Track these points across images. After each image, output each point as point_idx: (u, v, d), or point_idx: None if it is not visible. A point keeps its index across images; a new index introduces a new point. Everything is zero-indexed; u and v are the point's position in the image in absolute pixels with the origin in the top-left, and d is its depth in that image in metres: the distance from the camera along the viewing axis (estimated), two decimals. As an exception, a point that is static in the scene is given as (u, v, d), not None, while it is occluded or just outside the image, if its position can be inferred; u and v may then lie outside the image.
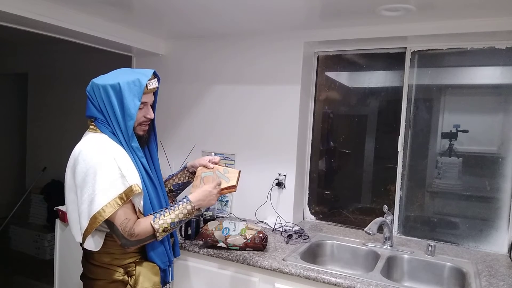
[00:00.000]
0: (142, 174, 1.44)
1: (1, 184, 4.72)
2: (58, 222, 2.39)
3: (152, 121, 1.56)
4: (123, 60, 2.98)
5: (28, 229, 4.06)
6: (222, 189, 1.56)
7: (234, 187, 1.57)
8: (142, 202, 1.41)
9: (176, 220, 1.42)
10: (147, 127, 1.51)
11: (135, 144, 1.44)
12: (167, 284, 1.61)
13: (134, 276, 1.45)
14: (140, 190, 1.37)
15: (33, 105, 4.58)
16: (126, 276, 1.44)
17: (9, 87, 4.89)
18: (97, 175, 1.31)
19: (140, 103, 1.39)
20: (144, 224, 1.37)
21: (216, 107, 2.70)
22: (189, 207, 1.45)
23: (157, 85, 1.49)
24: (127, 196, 1.34)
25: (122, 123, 1.40)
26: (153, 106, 1.54)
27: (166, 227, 1.40)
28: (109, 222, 1.34)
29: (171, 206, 1.46)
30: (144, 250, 1.48)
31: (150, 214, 1.41)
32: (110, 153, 1.36)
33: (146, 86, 1.41)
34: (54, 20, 2.02)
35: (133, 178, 1.37)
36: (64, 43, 2.47)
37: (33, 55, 4.36)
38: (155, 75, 1.49)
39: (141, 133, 1.48)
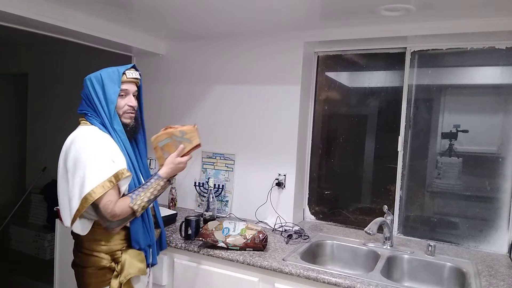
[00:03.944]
0: (127, 158, 1.54)
1: (1, 184, 4.71)
2: (58, 222, 2.39)
3: (140, 113, 1.69)
4: (123, 60, 2.97)
5: (28, 229, 4.05)
6: (188, 152, 1.60)
7: (198, 145, 1.59)
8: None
9: (152, 197, 1.53)
10: (133, 115, 1.61)
11: (118, 127, 1.54)
12: (149, 268, 1.68)
13: (120, 263, 1.53)
14: (128, 174, 1.48)
15: (33, 105, 4.58)
16: (113, 263, 1.53)
17: (9, 87, 4.89)
18: (88, 159, 1.42)
19: (119, 89, 1.53)
20: (124, 205, 1.46)
21: (216, 107, 2.70)
22: (162, 183, 1.55)
23: (137, 76, 1.61)
24: (116, 179, 1.44)
25: (106, 108, 1.52)
26: (139, 100, 1.66)
27: (144, 206, 1.51)
28: (94, 205, 1.42)
29: (143, 184, 1.54)
30: (129, 237, 1.56)
31: (127, 196, 1.49)
32: (100, 140, 1.48)
33: (125, 74, 1.55)
34: (54, 20, 2.02)
35: (122, 163, 1.49)
36: (64, 43, 2.47)
37: (33, 55, 4.36)
38: (135, 69, 1.62)
39: (127, 120, 1.58)
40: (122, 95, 1.56)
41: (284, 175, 2.48)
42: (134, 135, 1.64)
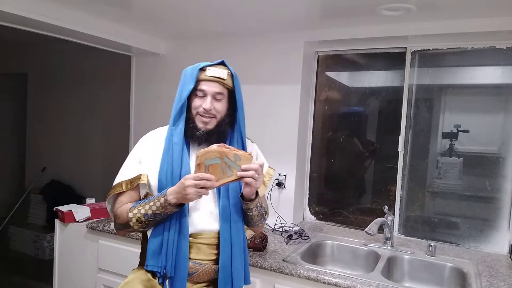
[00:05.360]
0: (167, 162, 1.34)
1: (0, 184, 4.71)
2: (57, 222, 2.39)
3: (231, 120, 1.42)
4: (123, 60, 2.98)
5: (28, 230, 4.05)
6: (224, 182, 1.27)
7: (239, 178, 1.28)
8: (152, 192, 1.36)
9: (150, 212, 1.27)
10: (207, 119, 1.36)
11: (176, 129, 1.38)
12: None
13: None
14: (144, 182, 1.35)
15: (33, 105, 4.57)
16: None
17: (9, 87, 4.89)
18: (128, 156, 1.46)
19: (192, 87, 1.34)
20: (125, 209, 1.35)
21: (216, 107, 2.69)
22: (162, 199, 1.26)
23: (219, 75, 1.35)
24: (132, 183, 1.37)
25: (174, 106, 1.40)
26: (233, 104, 1.42)
27: (139, 218, 1.29)
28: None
29: (153, 196, 1.33)
30: None
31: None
32: (146, 141, 1.45)
33: (204, 71, 1.35)
34: (54, 20, 2.02)
35: (149, 169, 1.37)
36: (64, 43, 2.47)
37: (33, 55, 4.36)
38: (225, 65, 1.40)
39: (200, 124, 1.37)
40: (200, 94, 1.35)
41: (284, 175, 2.48)
42: (209, 142, 1.34)
